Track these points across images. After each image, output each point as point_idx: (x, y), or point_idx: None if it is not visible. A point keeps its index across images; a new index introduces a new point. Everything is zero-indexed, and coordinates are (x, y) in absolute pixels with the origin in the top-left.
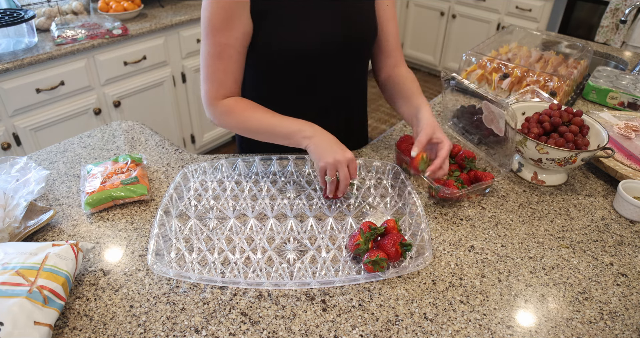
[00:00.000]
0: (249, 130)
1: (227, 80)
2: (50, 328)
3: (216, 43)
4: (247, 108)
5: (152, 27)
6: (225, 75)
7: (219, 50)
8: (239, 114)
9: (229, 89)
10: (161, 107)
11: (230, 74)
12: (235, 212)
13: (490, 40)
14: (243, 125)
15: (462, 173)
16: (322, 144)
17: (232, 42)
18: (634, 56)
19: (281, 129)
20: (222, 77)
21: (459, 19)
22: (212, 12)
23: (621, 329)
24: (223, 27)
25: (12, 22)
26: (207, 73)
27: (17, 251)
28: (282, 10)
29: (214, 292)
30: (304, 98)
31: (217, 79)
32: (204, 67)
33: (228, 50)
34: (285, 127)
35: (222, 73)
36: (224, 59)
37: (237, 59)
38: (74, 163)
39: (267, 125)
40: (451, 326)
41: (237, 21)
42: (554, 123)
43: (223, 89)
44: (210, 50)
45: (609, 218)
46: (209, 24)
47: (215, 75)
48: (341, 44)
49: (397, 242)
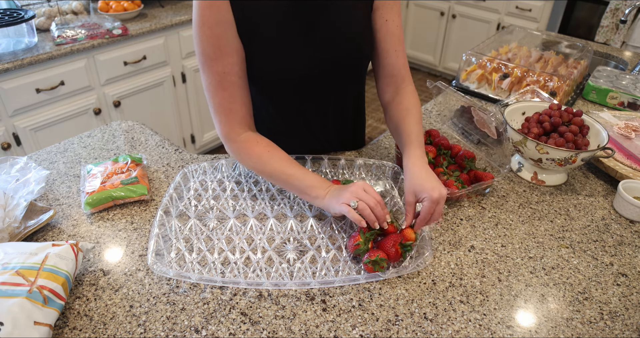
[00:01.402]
0: (265, 175)
1: (235, 107)
2: (50, 328)
3: (215, 73)
4: (263, 153)
5: (152, 27)
6: (232, 103)
7: (219, 79)
8: (256, 159)
9: (240, 116)
10: (161, 107)
11: (237, 101)
12: (235, 212)
13: (490, 40)
14: (259, 169)
15: (462, 174)
16: (333, 193)
17: (230, 68)
18: (634, 56)
19: (295, 184)
20: (230, 107)
21: (459, 19)
22: (202, 42)
23: (621, 329)
24: (217, 56)
25: (12, 22)
26: (214, 105)
27: (17, 251)
28: (267, 34)
29: (214, 292)
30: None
31: (226, 109)
32: (210, 99)
33: (228, 78)
34: (300, 182)
35: (228, 102)
36: (227, 89)
37: (239, 84)
38: (74, 163)
39: (282, 175)
40: (451, 326)
41: (229, 47)
42: (554, 123)
43: (234, 118)
44: (211, 82)
45: (609, 218)
46: (202, 55)
47: (222, 106)
48: (329, 68)
49: (397, 242)
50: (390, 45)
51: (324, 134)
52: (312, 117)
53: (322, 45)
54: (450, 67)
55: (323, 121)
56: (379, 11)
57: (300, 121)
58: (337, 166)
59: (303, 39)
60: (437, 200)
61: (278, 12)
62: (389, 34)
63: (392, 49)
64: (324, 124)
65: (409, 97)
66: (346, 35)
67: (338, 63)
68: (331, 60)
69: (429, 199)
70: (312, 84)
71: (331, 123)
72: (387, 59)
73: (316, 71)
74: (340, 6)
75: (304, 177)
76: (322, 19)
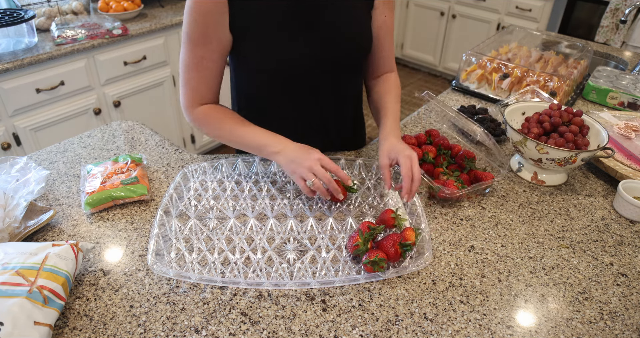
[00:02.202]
0: (221, 138)
1: (201, 88)
2: (50, 328)
3: (194, 54)
4: (220, 118)
5: (152, 27)
6: (200, 84)
7: (196, 61)
8: (213, 123)
9: (203, 97)
10: (161, 107)
11: (205, 84)
12: (235, 212)
13: (490, 40)
14: (215, 133)
15: (462, 174)
16: (290, 157)
17: (209, 54)
18: (634, 56)
19: (251, 142)
20: (197, 86)
21: (459, 19)
22: (190, 25)
23: (621, 329)
24: (201, 41)
25: (12, 22)
26: (184, 79)
27: (17, 251)
28: (263, 28)
29: (214, 292)
30: (296, 107)
31: (192, 87)
32: (182, 73)
33: (205, 63)
34: (255, 140)
35: (197, 82)
36: (200, 70)
37: (213, 68)
38: (74, 163)
39: (237, 136)
40: (451, 326)
41: (214, 36)
42: (554, 123)
43: (198, 96)
44: (187, 60)
45: (609, 218)
46: (187, 36)
47: (190, 83)
48: (328, 67)
49: (396, 242)
50: (386, 39)
51: (324, 134)
52: (311, 116)
53: (322, 45)
54: (450, 67)
55: (323, 121)
56: (379, 9)
57: (301, 120)
58: None
59: (302, 38)
60: (410, 156)
61: (277, 11)
62: (385, 28)
63: (386, 43)
64: (324, 123)
65: (392, 81)
66: (346, 35)
67: (338, 63)
68: (331, 60)
69: (402, 156)
70: (311, 82)
71: (331, 122)
72: (382, 52)
73: (316, 70)
74: (340, 6)
75: (255, 135)
76: (322, 18)
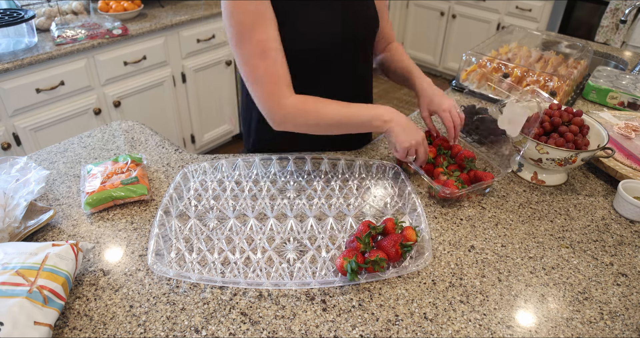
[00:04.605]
0: (326, 125)
1: (280, 72)
2: (50, 328)
3: (256, 41)
4: (317, 104)
5: (152, 27)
6: (277, 69)
7: (261, 47)
8: (313, 112)
9: (286, 80)
10: (161, 107)
11: (281, 66)
12: (235, 212)
13: (490, 40)
14: (320, 121)
15: (462, 173)
16: (401, 126)
17: (272, 37)
18: (634, 56)
19: (359, 118)
20: (276, 72)
21: (459, 19)
22: (240, 13)
23: (621, 329)
24: (258, 24)
25: (12, 22)
26: (257, 75)
27: (17, 251)
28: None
29: (214, 292)
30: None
31: (273, 76)
32: (251, 71)
33: (270, 44)
34: (363, 115)
35: (273, 68)
36: (270, 55)
37: (280, 49)
38: (74, 163)
39: (343, 117)
40: (451, 326)
41: (269, 17)
42: (554, 123)
43: (282, 82)
44: (251, 52)
45: (609, 218)
46: (242, 25)
47: (267, 74)
48: (344, 42)
49: (397, 242)
50: (384, 15)
51: None
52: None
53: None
54: (450, 67)
55: None
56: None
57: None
58: (337, 166)
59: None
60: (447, 109)
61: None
62: (383, 6)
63: (385, 18)
64: None
65: (401, 49)
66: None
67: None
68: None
69: (441, 111)
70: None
71: None
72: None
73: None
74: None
75: (365, 111)
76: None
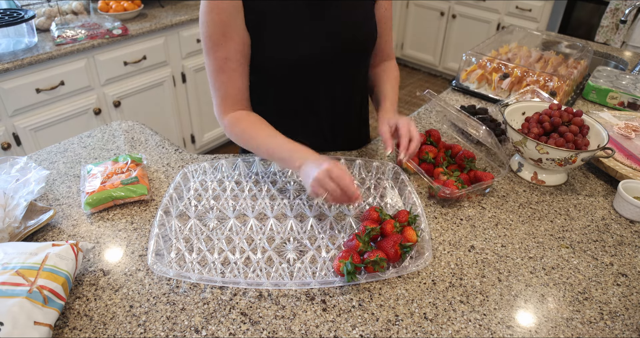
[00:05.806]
0: (251, 149)
1: (231, 91)
2: (50, 328)
3: (217, 58)
4: (250, 127)
5: (152, 27)
6: (228, 87)
7: (220, 64)
8: (240, 136)
9: (235, 100)
10: (161, 107)
11: (234, 86)
12: (235, 212)
13: (490, 40)
14: (246, 143)
15: (462, 173)
16: (305, 172)
17: (232, 55)
18: (634, 56)
19: (280, 154)
20: (227, 90)
21: (459, 19)
22: (208, 28)
23: (621, 329)
24: (221, 42)
25: (12, 22)
26: (213, 87)
27: (17, 251)
28: (277, 21)
29: (214, 292)
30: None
31: (222, 92)
32: (210, 82)
33: (229, 64)
34: (281, 153)
35: (225, 86)
36: (226, 72)
37: (239, 70)
38: (74, 163)
39: (266, 150)
40: (451, 326)
41: (234, 33)
42: (554, 123)
43: (230, 101)
44: (212, 65)
45: (609, 218)
46: (208, 40)
47: (220, 89)
48: (339, 55)
49: (397, 242)
50: (385, 30)
51: (330, 130)
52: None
53: (331, 38)
54: (450, 67)
55: (330, 118)
56: (380, 1)
57: (308, 116)
58: None
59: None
60: (407, 121)
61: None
62: (385, 19)
63: (386, 33)
64: (332, 123)
65: (391, 70)
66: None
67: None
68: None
69: (400, 122)
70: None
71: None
72: (382, 44)
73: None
74: (349, 4)
75: (284, 150)
76: (332, 15)
